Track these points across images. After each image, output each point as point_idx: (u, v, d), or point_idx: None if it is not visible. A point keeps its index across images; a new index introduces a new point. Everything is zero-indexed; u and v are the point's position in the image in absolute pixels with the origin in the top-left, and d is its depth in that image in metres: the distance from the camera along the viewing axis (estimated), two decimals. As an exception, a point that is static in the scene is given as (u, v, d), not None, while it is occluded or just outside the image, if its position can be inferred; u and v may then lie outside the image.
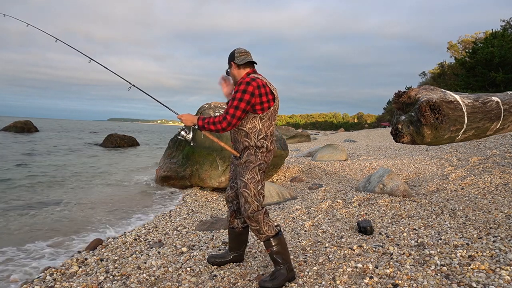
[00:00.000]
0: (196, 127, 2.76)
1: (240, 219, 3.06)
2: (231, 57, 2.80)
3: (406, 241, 3.42)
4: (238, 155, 2.78)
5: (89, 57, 3.58)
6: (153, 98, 3.23)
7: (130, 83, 3.26)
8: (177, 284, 2.83)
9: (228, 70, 2.86)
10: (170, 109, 3.05)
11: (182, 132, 2.86)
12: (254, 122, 2.68)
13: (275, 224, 2.83)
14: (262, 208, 2.75)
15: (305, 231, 4.02)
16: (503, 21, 29.15)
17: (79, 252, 3.91)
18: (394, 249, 3.20)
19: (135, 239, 4.08)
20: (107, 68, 3.52)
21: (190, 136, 2.85)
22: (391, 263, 2.90)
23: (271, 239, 2.75)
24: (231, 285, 2.80)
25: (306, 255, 3.27)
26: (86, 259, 3.45)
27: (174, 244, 3.80)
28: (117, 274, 3.05)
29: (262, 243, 3.64)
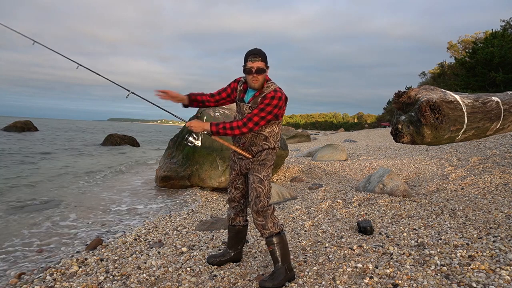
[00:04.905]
0: (206, 133, 2.76)
1: (242, 216, 3.09)
2: (267, 59, 2.74)
3: (406, 241, 3.42)
4: (250, 156, 2.80)
5: (77, 63, 3.44)
6: (156, 105, 3.12)
7: (128, 90, 3.17)
8: (177, 284, 2.83)
9: (254, 69, 2.69)
10: (177, 116, 3.01)
11: (191, 138, 2.82)
12: (272, 126, 2.78)
13: (280, 223, 2.86)
14: (271, 205, 2.80)
15: (305, 231, 4.02)
16: (503, 21, 29.13)
17: (78, 252, 3.91)
18: (394, 249, 3.20)
19: (135, 239, 4.08)
20: (99, 75, 3.38)
21: (199, 142, 2.87)
22: (391, 263, 2.90)
23: (273, 236, 2.77)
24: (231, 285, 2.80)
25: (306, 255, 3.27)
26: (86, 259, 3.45)
27: (174, 244, 3.80)
28: (117, 274, 3.05)
29: (262, 243, 3.65)
